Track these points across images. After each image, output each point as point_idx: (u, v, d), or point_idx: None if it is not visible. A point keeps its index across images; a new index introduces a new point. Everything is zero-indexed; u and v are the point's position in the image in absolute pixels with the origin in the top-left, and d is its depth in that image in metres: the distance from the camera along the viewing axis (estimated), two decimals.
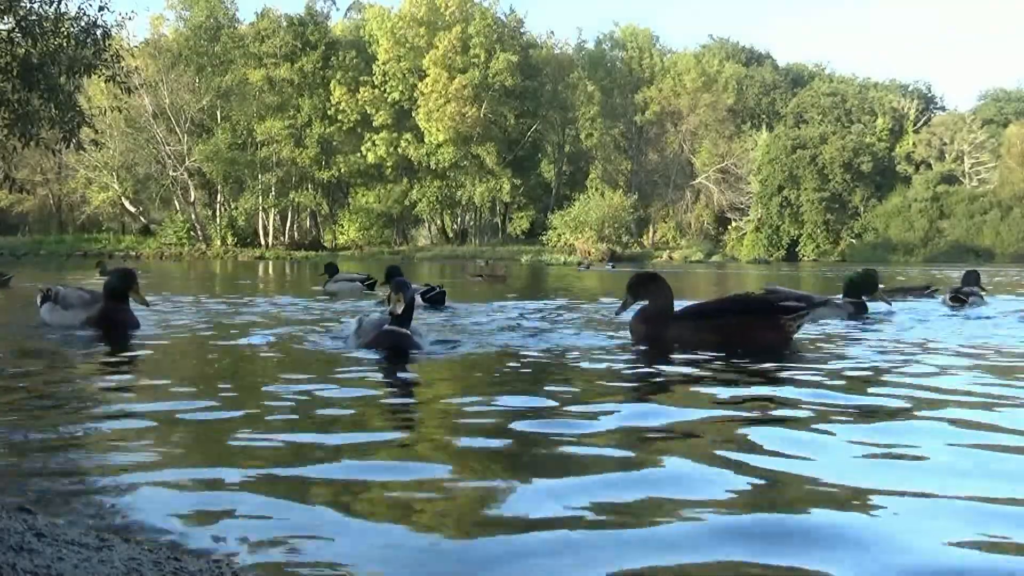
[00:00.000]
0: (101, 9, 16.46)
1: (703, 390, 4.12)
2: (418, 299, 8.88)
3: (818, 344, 6.12)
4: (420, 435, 3.26)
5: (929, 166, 65.79)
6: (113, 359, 5.24)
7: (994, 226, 59.71)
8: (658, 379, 4.55)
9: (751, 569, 1.84)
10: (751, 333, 5.64)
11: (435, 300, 9.79)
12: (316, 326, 7.29)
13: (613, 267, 35.29)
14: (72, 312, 6.79)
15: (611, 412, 3.46)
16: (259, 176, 59.00)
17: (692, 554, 1.92)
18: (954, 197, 61.98)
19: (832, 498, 2.34)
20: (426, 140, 59.94)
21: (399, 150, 60.73)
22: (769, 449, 2.86)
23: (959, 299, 10.47)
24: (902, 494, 2.36)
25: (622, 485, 2.42)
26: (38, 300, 7.31)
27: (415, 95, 59.40)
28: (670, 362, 5.07)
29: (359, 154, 60.56)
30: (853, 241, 62.36)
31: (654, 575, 1.82)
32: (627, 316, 6.29)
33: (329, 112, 59.86)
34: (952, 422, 3.36)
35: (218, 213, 61.59)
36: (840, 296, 9.11)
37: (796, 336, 5.98)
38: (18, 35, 15.67)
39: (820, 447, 2.93)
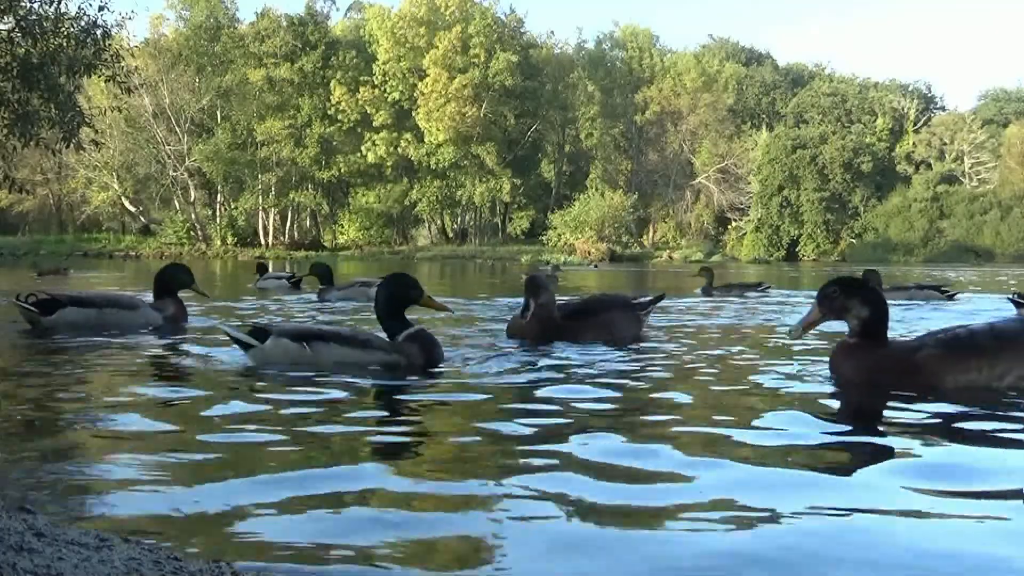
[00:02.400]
0: (101, 9, 16.44)
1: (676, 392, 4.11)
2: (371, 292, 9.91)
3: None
4: (419, 439, 3.26)
5: (929, 166, 65.76)
6: (123, 360, 5.24)
7: (994, 226, 59.68)
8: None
9: None
10: (623, 326, 6.39)
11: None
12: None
13: (595, 267, 35.22)
14: (142, 312, 7.09)
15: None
16: (259, 176, 58.97)
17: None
18: (954, 197, 61.96)
19: None
20: (426, 140, 59.91)
21: (399, 150, 60.70)
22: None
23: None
24: None
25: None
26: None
27: (415, 95, 59.37)
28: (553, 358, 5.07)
29: (359, 154, 60.52)
30: (853, 241, 62.35)
31: None
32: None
33: (329, 112, 59.82)
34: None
35: (218, 213, 61.57)
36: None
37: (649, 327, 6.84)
38: (18, 35, 15.65)
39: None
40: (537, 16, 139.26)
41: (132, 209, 62.05)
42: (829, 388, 4.18)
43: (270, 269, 15.28)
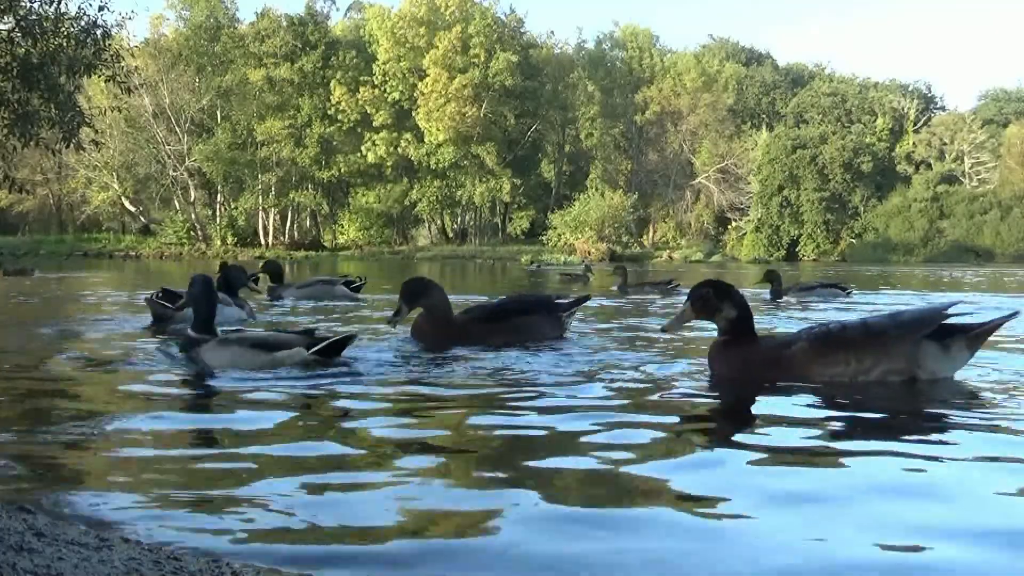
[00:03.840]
0: (101, 9, 16.41)
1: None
2: (345, 289, 10.84)
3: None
4: (417, 437, 3.26)
5: (929, 166, 65.71)
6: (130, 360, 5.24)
7: (994, 226, 59.63)
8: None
9: None
10: (537, 330, 6.07)
11: (357, 291, 11.10)
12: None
13: (537, 267, 35.06)
14: (233, 309, 7.66)
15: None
16: (259, 176, 58.94)
17: None
18: (954, 197, 61.91)
19: None
20: (426, 140, 59.88)
21: (399, 150, 60.67)
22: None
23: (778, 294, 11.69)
24: None
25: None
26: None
27: (415, 95, 59.34)
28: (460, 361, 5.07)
29: (359, 154, 60.49)
30: (853, 241, 62.31)
31: None
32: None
33: (329, 112, 59.79)
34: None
35: (218, 213, 61.55)
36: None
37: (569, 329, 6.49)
38: (18, 35, 15.63)
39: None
40: (537, 16, 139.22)
41: (132, 209, 62.02)
42: (705, 383, 4.33)
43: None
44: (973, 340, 4.34)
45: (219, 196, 61.65)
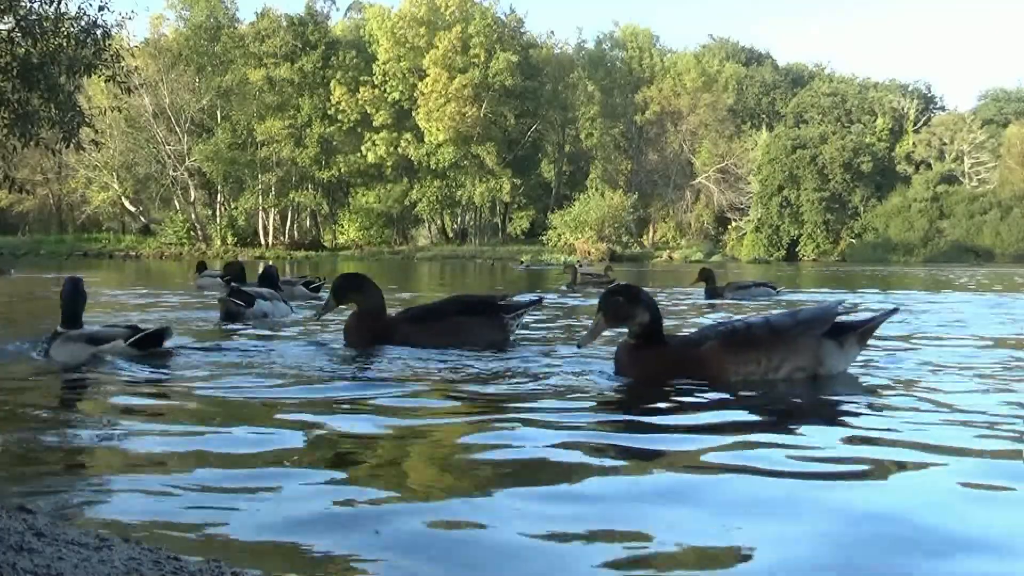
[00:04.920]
0: (101, 9, 16.43)
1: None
2: (304, 290, 11.13)
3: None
4: (415, 432, 3.26)
5: (929, 166, 65.71)
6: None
7: (994, 226, 59.64)
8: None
9: None
10: (476, 332, 5.74)
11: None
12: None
13: (526, 267, 35.19)
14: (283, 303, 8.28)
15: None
16: (259, 176, 58.98)
17: None
18: (954, 197, 61.92)
19: None
20: (426, 140, 59.91)
21: (399, 150, 60.71)
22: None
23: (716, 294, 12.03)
24: None
25: None
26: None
27: (415, 95, 59.37)
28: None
29: (359, 154, 60.52)
30: (853, 241, 62.32)
31: None
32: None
33: (329, 112, 59.82)
34: None
35: (218, 213, 61.59)
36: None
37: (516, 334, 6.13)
38: (18, 35, 15.64)
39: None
40: (537, 16, 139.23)
41: (132, 209, 62.06)
42: (615, 385, 4.24)
43: (208, 267, 15.87)
44: (862, 336, 4.51)
45: (219, 196, 61.69)
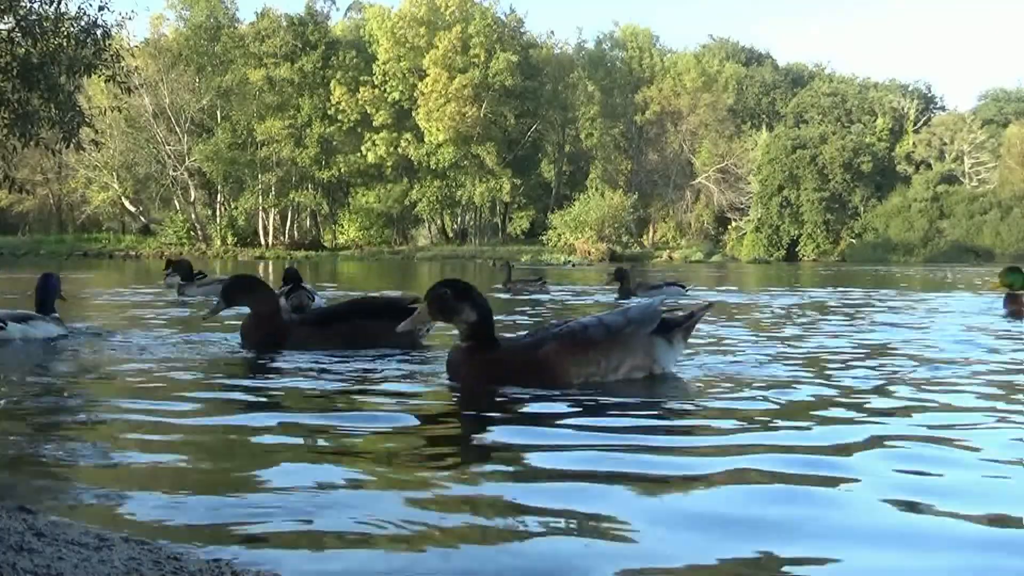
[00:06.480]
0: (101, 9, 16.45)
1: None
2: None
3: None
4: (428, 432, 3.26)
5: (929, 166, 65.71)
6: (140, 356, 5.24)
7: (994, 226, 59.64)
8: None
9: None
10: (375, 335, 5.52)
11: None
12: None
13: (572, 266, 35.21)
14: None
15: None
16: (259, 176, 58.97)
17: None
18: (954, 197, 61.92)
19: None
20: (426, 140, 59.90)
21: (399, 150, 60.69)
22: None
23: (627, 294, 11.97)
24: None
25: None
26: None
27: (415, 95, 59.36)
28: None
29: (359, 154, 60.52)
30: (853, 241, 62.32)
31: None
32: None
33: (329, 112, 59.81)
34: None
35: (218, 213, 61.58)
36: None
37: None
38: (18, 35, 15.66)
39: None
40: (537, 16, 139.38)
41: (132, 209, 62.07)
42: (448, 390, 4.10)
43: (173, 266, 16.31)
44: (687, 332, 4.52)
45: (219, 196, 61.69)
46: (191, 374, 4.65)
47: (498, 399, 3.83)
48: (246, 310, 5.67)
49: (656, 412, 3.75)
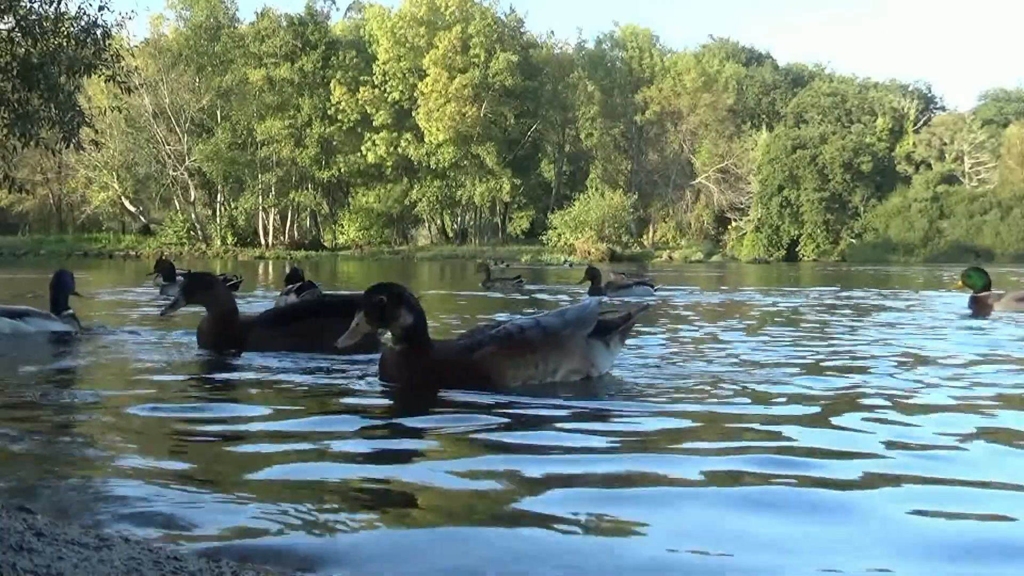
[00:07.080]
0: (101, 9, 16.43)
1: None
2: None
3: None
4: (429, 426, 3.26)
5: (929, 166, 65.75)
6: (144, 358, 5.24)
7: (994, 226, 59.69)
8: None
9: None
10: (332, 334, 5.25)
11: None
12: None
13: (570, 266, 35.37)
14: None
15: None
16: (259, 176, 59.01)
17: None
18: (954, 197, 61.96)
19: None
20: (426, 140, 59.93)
21: (399, 150, 60.72)
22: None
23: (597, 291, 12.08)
24: None
25: None
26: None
27: (415, 95, 59.39)
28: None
29: (359, 154, 60.55)
30: (853, 241, 62.36)
31: None
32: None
33: (329, 112, 59.85)
34: None
35: (218, 213, 61.61)
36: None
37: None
38: (18, 35, 15.65)
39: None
40: (537, 16, 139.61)
41: (132, 209, 62.09)
42: (382, 394, 4.02)
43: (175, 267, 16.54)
44: (623, 335, 4.51)
45: (219, 196, 61.73)
46: (186, 373, 4.64)
47: (438, 400, 3.77)
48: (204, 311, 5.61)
49: (599, 414, 3.58)
